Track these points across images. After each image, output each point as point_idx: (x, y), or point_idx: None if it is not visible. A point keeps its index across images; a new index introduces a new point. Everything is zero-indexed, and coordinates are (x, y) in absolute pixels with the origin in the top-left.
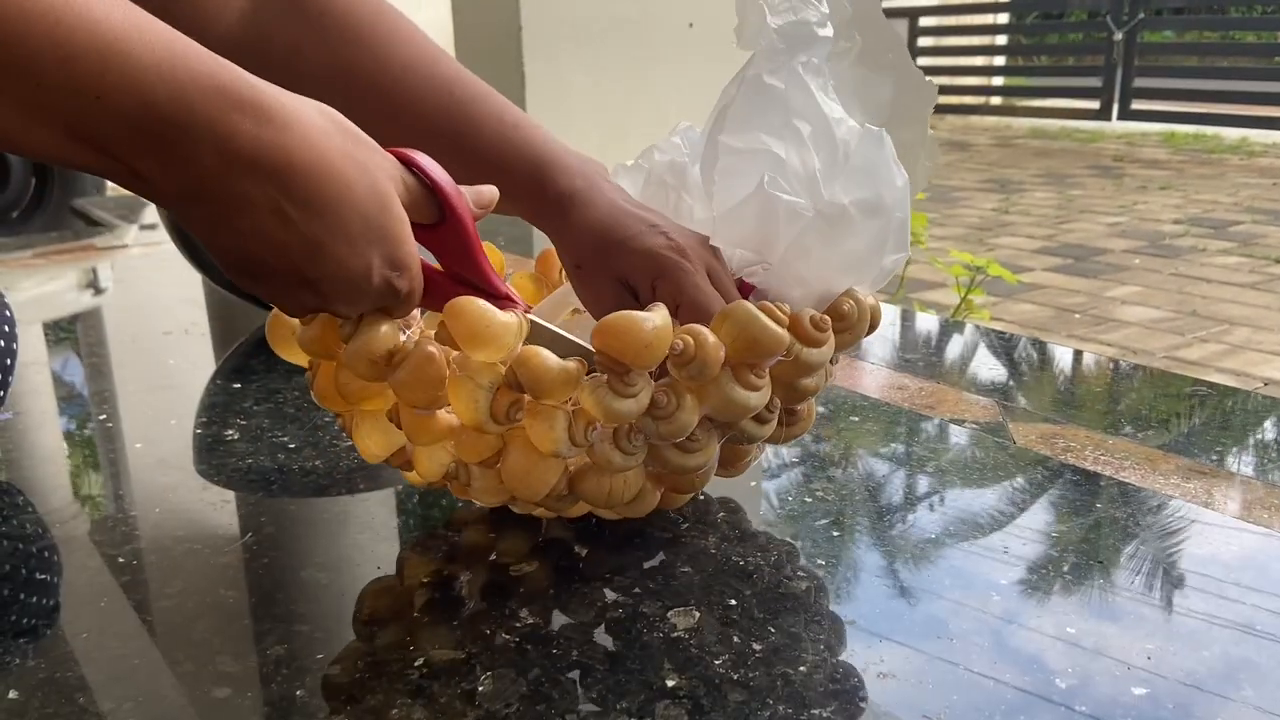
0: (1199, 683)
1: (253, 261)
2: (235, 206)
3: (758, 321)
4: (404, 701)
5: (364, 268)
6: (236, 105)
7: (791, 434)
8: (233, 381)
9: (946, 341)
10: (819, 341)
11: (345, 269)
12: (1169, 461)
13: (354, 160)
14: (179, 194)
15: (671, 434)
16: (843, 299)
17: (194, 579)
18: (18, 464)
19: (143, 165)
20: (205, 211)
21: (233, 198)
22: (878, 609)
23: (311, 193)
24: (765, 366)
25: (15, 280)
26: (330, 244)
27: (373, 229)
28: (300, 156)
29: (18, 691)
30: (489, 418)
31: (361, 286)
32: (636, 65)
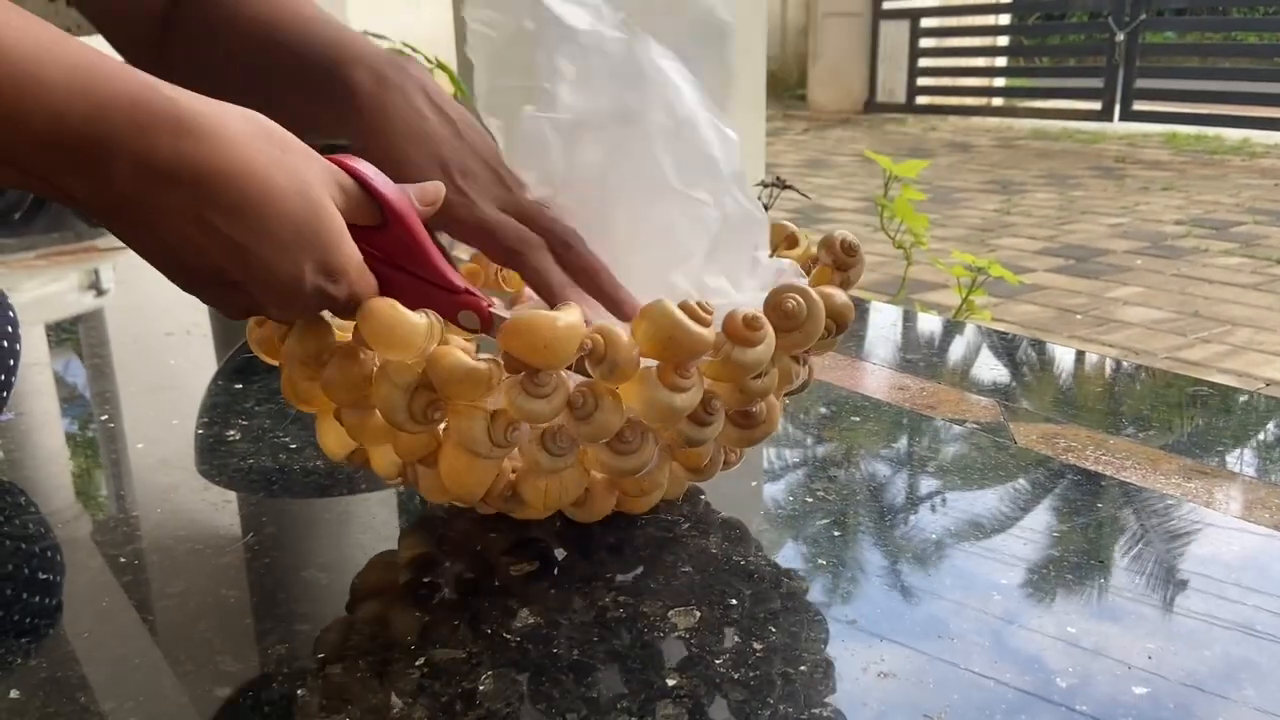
0: (1200, 683)
1: (182, 269)
2: (157, 219)
3: (674, 320)
4: (405, 701)
5: (294, 273)
6: (152, 121)
7: (751, 438)
8: (234, 382)
9: (948, 342)
10: (752, 341)
11: (273, 274)
12: (1170, 462)
13: (281, 166)
14: (102, 209)
15: (593, 435)
16: (786, 295)
17: (195, 579)
18: (20, 464)
19: (65, 183)
20: (129, 224)
21: (154, 210)
22: (878, 608)
23: (234, 199)
24: (690, 367)
25: (18, 281)
26: (255, 248)
27: (303, 235)
28: (220, 165)
29: (19, 691)
30: (408, 417)
31: (293, 291)
32: None
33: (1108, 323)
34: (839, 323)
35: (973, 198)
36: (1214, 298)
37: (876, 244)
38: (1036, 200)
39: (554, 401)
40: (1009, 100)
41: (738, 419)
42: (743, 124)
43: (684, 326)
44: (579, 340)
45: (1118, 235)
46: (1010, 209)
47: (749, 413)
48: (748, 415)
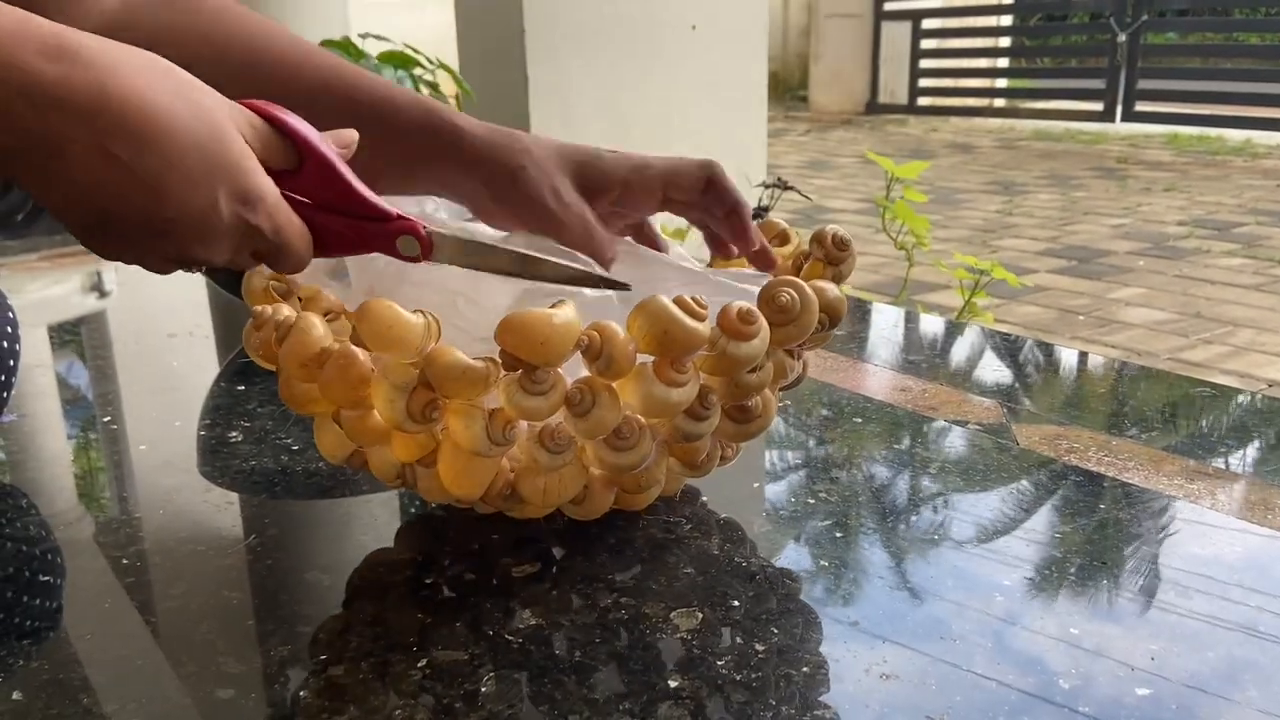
0: (1202, 684)
1: (98, 215)
2: (57, 153)
3: (669, 315)
4: (407, 702)
5: (208, 201)
6: (39, 48)
7: (747, 432)
8: (236, 384)
9: (950, 343)
10: (746, 335)
11: (189, 206)
12: (1173, 463)
13: (180, 96)
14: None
15: (591, 431)
16: (780, 289)
17: (197, 580)
18: (22, 466)
19: None
20: (30, 165)
21: (52, 144)
22: (880, 610)
23: (134, 127)
24: (685, 362)
25: (20, 283)
26: (168, 179)
27: (210, 160)
28: (115, 91)
29: (21, 693)
30: (406, 417)
31: (212, 223)
32: (639, 67)
33: (1110, 324)
34: (832, 316)
35: (974, 199)
36: (1216, 299)
37: (878, 245)
38: (1038, 201)
39: (551, 398)
40: (1011, 101)
41: (733, 414)
42: (744, 125)
43: (679, 321)
44: (576, 337)
45: (1120, 236)
46: (1012, 210)
47: (745, 407)
48: (743, 410)
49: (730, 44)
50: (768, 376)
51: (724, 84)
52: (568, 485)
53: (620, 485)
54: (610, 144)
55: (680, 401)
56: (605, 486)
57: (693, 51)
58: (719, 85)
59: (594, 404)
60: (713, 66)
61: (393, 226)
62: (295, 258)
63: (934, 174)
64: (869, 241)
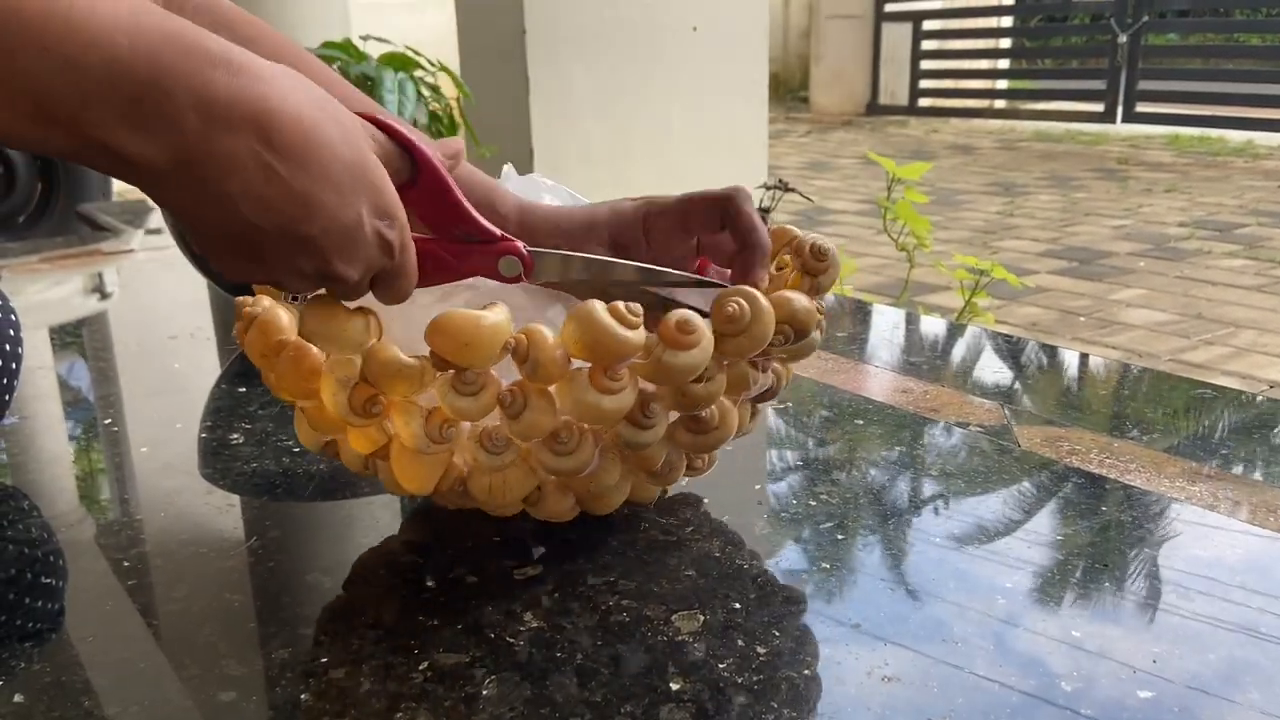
0: (1204, 686)
1: (245, 231)
2: (221, 167)
3: (599, 322)
4: (408, 705)
5: (355, 217)
6: (208, 60)
7: (704, 444)
8: (238, 385)
9: (951, 344)
10: (684, 345)
11: (337, 221)
12: (1174, 464)
13: (325, 112)
14: (163, 163)
15: (525, 433)
16: (728, 299)
17: (199, 583)
18: (24, 468)
19: (119, 137)
20: (190, 179)
21: (217, 158)
22: (882, 612)
23: (293, 143)
24: (618, 369)
25: (21, 285)
26: (319, 195)
27: (356, 177)
28: (277, 106)
29: (23, 695)
30: (349, 411)
31: (356, 238)
32: (640, 69)
33: (1111, 325)
34: (797, 329)
35: (975, 200)
36: (1217, 300)
37: (879, 247)
38: (1039, 202)
39: (482, 399)
40: (1011, 102)
41: (689, 424)
42: (745, 126)
43: (608, 329)
44: (502, 340)
45: (1120, 237)
46: (1013, 211)
47: (698, 418)
48: (698, 420)
49: (731, 45)
50: (717, 388)
51: (725, 85)
52: (513, 486)
53: (574, 490)
54: (609, 146)
55: (614, 409)
56: (560, 490)
57: (693, 53)
58: (720, 86)
59: (525, 407)
60: (713, 68)
61: (496, 247)
62: (408, 281)
63: (935, 175)
64: (870, 243)
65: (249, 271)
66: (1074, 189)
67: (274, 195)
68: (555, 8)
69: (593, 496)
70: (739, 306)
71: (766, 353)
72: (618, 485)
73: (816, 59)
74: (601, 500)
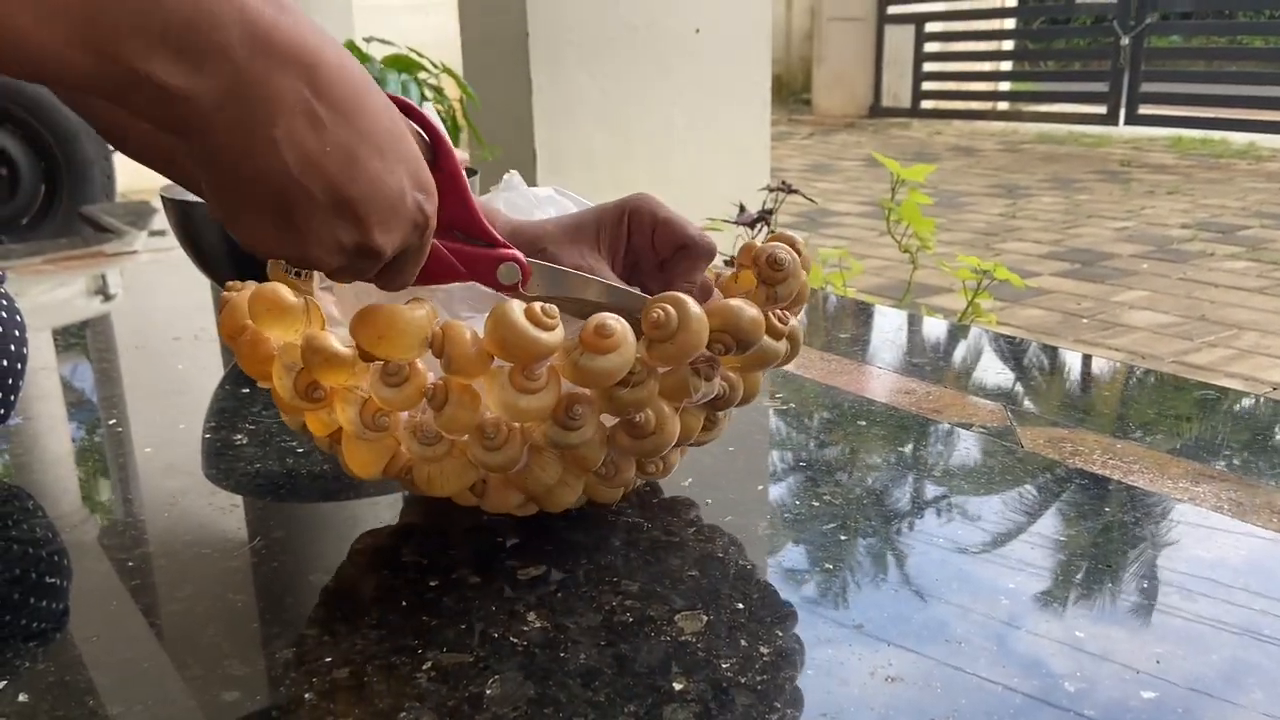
0: (1207, 687)
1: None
2: (267, 108)
3: (509, 321)
4: (412, 705)
5: (398, 185)
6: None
7: (641, 449)
8: (241, 386)
9: (954, 346)
10: (601, 349)
11: (381, 186)
12: (1178, 466)
13: (366, 75)
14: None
15: (448, 426)
16: (655, 305)
17: (203, 583)
18: (28, 468)
19: (164, 68)
20: (234, 119)
21: (264, 96)
22: (885, 613)
23: (340, 93)
24: (535, 369)
25: (25, 286)
26: (364, 155)
27: (398, 144)
28: (325, 53)
29: (27, 695)
30: (294, 394)
31: (397, 207)
32: (643, 71)
33: (1114, 326)
34: (739, 339)
35: (978, 201)
36: (1220, 301)
37: (882, 248)
38: (1042, 204)
39: (405, 391)
40: (1014, 104)
41: (626, 428)
42: (747, 129)
43: (517, 329)
44: (423, 334)
45: (1124, 239)
46: (1016, 213)
47: (633, 423)
48: (633, 425)
49: (733, 48)
50: (645, 394)
51: (727, 87)
52: (450, 477)
53: (516, 486)
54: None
55: (532, 408)
56: (504, 484)
57: (696, 55)
58: (722, 89)
59: (446, 401)
60: (716, 70)
61: (497, 253)
62: (417, 268)
63: (937, 177)
64: (873, 244)
65: (277, 240)
66: (1077, 191)
67: (319, 147)
68: (558, 10)
69: (532, 495)
70: (664, 313)
71: (710, 361)
72: (567, 484)
73: (819, 61)
74: (550, 498)
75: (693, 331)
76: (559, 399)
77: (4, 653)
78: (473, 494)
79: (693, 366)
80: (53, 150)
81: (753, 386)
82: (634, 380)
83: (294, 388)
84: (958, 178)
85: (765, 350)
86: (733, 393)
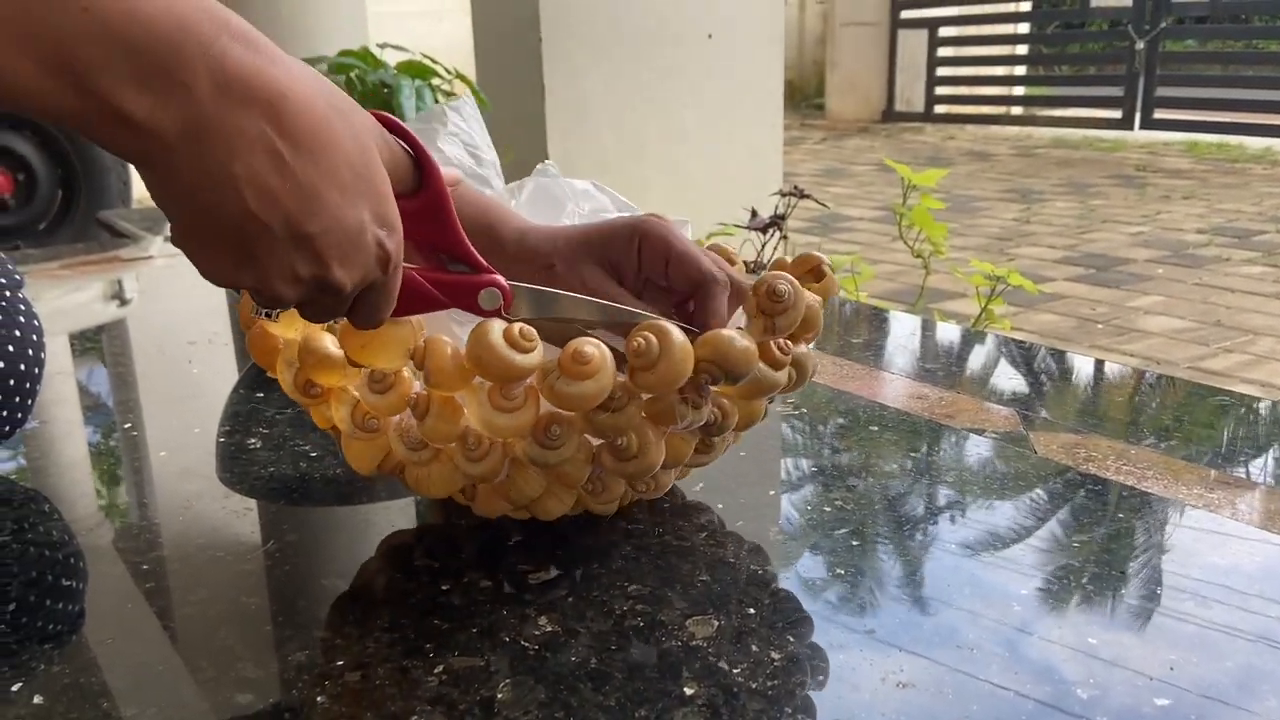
0: (1221, 694)
1: (242, 223)
2: (228, 145)
3: (485, 342)
4: (424, 708)
5: (357, 222)
6: (226, 28)
7: (625, 470)
8: (255, 390)
9: (967, 351)
10: (578, 375)
11: (340, 222)
12: (1192, 472)
13: (336, 110)
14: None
15: (430, 435)
16: (636, 333)
17: (216, 586)
18: (44, 472)
19: (130, 99)
20: (195, 154)
21: (226, 133)
22: (897, 619)
23: (303, 132)
24: (512, 389)
25: (42, 291)
26: (325, 192)
27: (361, 180)
28: (291, 90)
29: (42, 696)
30: (294, 390)
31: (356, 243)
32: (656, 77)
33: (1129, 332)
34: (728, 369)
35: (992, 206)
36: (1236, 307)
37: (895, 253)
38: (1056, 209)
39: (389, 398)
40: (1028, 109)
41: (610, 450)
42: (760, 133)
43: (494, 350)
44: (405, 346)
45: (1138, 244)
46: (1030, 218)
47: (615, 446)
48: (615, 448)
49: (746, 53)
50: (626, 419)
51: (740, 92)
52: (438, 482)
53: (502, 496)
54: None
55: (507, 426)
56: (492, 492)
57: (709, 60)
58: (735, 93)
59: (428, 411)
60: (729, 75)
61: (478, 279)
62: (388, 304)
63: (951, 182)
64: (885, 249)
65: (235, 273)
66: (1091, 196)
67: (279, 184)
68: (571, 16)
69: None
70: (644, 341)
71: (698, 389)
72: (555, 496)
73: (832, 66)
74: (538, 507)
75: (675, 360)
76: (537, 418)
77: (20, 655)
78: (463, 497)
79: (680, 394)
80: (69, 157)
81: (752, 414)
82: (614, 405)
83: (294, 383)
84: (971, 182)
85: (762, 380)
86: (725, 420)
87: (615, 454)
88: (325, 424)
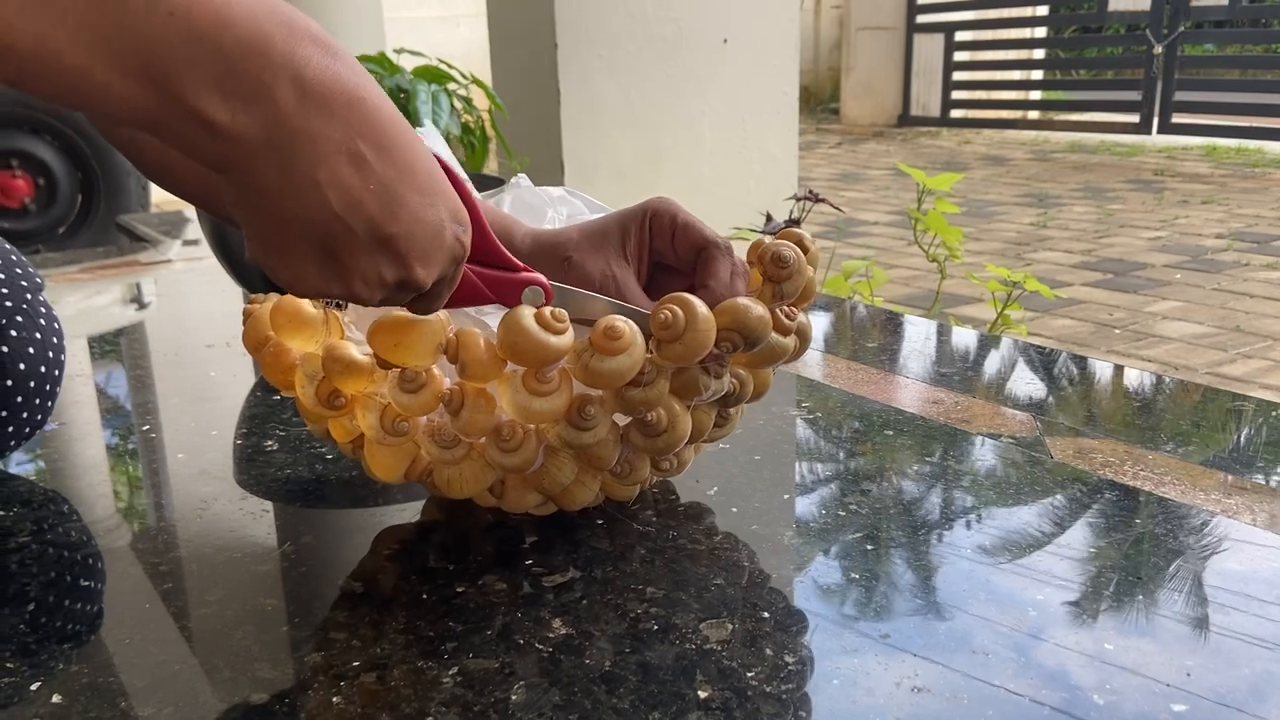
0: (1238, 702)
1: (326, 228)
2: (311, 151)
3: (520, 326)
4: (439, 710)
5: (437, 220)
6: (307, 34)
7: (655, 447)
8: (272, 393)
9: (983, 356)
10: (611, 350)
11: (421, 221)
12: (1210, 477)
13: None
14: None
15: (465, 429)
16: (662, 306)
17: (233, 587)
18: (63, 474)
19: (213, 105)
20: (278, 159)
21: (308, 139)
22: (912, 623)
23: (382, 134)
24: (547, 372)
25: (62, 294)
26: (405, 193)
27: (435, 179)
28: (369, 95)
29: (61, 696)
30: (316, 402)
31: (437, 241)
32: (671, 82)
33: (1146, 337)
34: (747, 336)
35: (1008, 211)
36: (1255, 312)
37: (910, 258)
38: (1073, 214)
39: (422, 396)
40: (1045, 113)
41: (639, 427)
42: (775, 138)
43: (527, 333)
44: (436, 341)
45: (1157, 249)
46: (1047, 222)
47: (645, 421)
48: (645, 424)
49: (762, 57)
50: (656, 393)
51: (755, 97)
52: (470, 479)
53: (533, 486)
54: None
55: (545, 410)
56: (521, 484)
57: (724, 65)
58: (750, 98)
59: (463, 405)
60: (744, 80)
61: (522, 277)
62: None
63: (967, 186)
64: (901, 254)
65: (319, 278)
66: (1109, 200)
67: (361, 187)
68: (586, 21)
69: (549, 494)
70: (671, 314)
71: (719, 358)
72: (583, 483)
73: (847, 70)
74: (566, 497)
75: (700, 330)
76: (571, 400)
77: (39, 654)
78: (492, 495)
79: (702, 365)
80: (89, 161)
81: (763, 383)
82: (644, 380)
83: (316, 396)
84: (988, 187)
85: (773, 347)
86: (743, 389)
87: (645, 430)
88: (346, 437)
